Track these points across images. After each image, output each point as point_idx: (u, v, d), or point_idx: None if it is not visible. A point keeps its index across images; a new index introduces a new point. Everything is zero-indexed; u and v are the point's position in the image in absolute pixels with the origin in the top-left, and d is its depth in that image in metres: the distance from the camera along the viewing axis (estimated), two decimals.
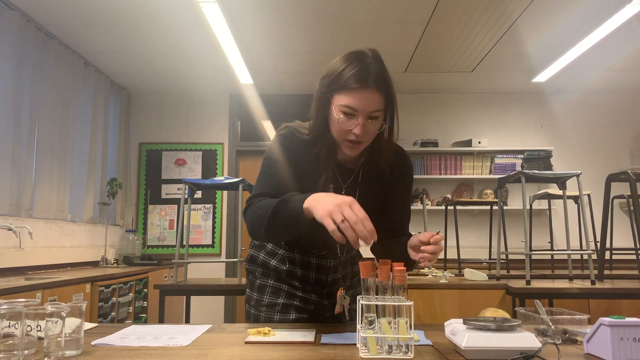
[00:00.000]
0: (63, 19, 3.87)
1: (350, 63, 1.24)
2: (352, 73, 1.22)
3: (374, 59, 1.25)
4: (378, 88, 1.22)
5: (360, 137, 1.25)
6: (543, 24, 4.03)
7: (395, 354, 0.99)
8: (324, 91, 1.28)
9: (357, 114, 1.23)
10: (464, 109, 5.75)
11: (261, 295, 1.48)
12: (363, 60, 1.24)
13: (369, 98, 1.22)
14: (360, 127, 1.23)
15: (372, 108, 1.23)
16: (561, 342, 1.13)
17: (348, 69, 1.23)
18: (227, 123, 5.72)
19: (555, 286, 2.92)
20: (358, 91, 1.21)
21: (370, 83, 1.21)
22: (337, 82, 1.24)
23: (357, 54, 1.27)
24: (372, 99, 1.22)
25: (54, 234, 4.09)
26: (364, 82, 1.21)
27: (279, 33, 4.17)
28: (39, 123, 3.91)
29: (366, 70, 1.22)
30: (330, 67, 1.29)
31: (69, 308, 0.98)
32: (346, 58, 1.27)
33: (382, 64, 1.27)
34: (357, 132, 1.24)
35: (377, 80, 1.22)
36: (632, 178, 3.00)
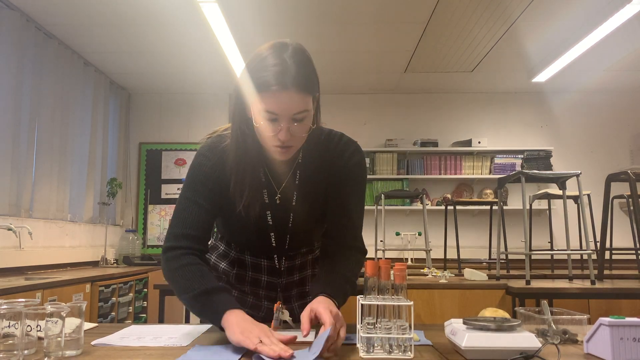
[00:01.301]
0: (63, 19, 3.87)
1: (267, 61, 1.11)
2: (269, 73, 1.08)
3: (293, 54, 1.12)
4: (299, 88, 1.09)
5: (287, 142, 1.13)
6: (543, 24, 4.03)
7: (395, 354, 0.99)
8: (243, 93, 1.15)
9: (278, 117, 1.11)
10: (464, 109, 5.75)
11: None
12: (280, 56, 1.10)
13: (290, 100, 1.09)
14: (284, 132, 1.11)
15: (295, 110, 1.10)
16: (561, 342, 1.13)
17: (265, 68, 1.10)
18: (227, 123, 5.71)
19: (555, 286, 2.92)
20: (277, 94, 1.08)
21: (289, 84, 1.08)
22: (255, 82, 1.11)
23: (276, 47, 1.13)
24: (294, 100, 1.09)
25: (54, 234, 4.09)
26: (282, 83, 1.08)
27: (279, 33, 4.17)
28: (38, 123, 3.91)
29: (284, 69, 1.08)
30: (247, 65, 1.15)
31: (69, 308, 0.98)
32: (264, 55, 1.13)
33: (304, 57, 1.15)
34: (282, 137, 1.12)
35: (296, 79, 1.09)
36: (632, 178, 3.00)
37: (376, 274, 1.07)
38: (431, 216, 5.11)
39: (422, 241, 4.73)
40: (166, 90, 5.67)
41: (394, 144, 5.49)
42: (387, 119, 5.68)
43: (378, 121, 5.64)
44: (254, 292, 1.40)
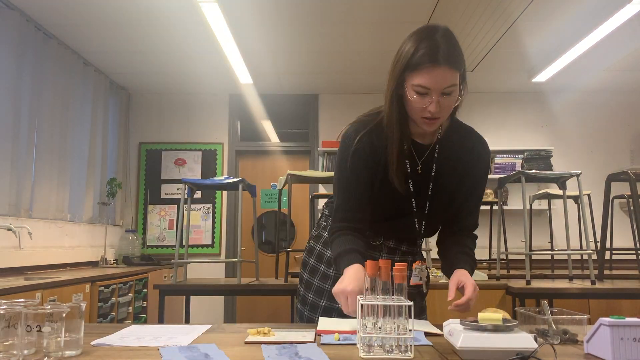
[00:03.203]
0: (63, 19, 3.87)
1: (420, 41, 1.23)
2: (422, 52, 1.21)
3: (443, 35, 1.24)
4: (449, 64, 1.21)
5: (435, 113, 1.25)
6: (543, 24, 4.03)
7: (395, 354, 0.99)
8: (397, 73, 1.27)
9: (430, 92, 1.23)
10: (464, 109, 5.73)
11: (307, 292, 1.54)
12: (432, 37, 1.23)
13: (441, 75, 1.21)
14: (435, 104, 1.24)
15: (445, 84, 1.22)
16: (561, 342, 1.13)
17: (418, 47, 1.22)
18: (227, 123, 5.72)
19: (555, 286, 2.92)
20: (430, 69, 1.21)
21: (441, 61, 1.20)
22: (408, 62, 1.23)
23: (427, 30, 1.26)
24: (444, 76, 1.21)
25: (54, 234, 4.09)
26: (435, 60, 1.20)
27: (279, 33, 4.17)
28: (38, 123, 3.91)
29: (436, 48, 1.21)
30: (401, 48, 1.27)
31: (69, 308, 0.98)
32: (416, 36, 1.25)
33: (452, 38, 1.26)
34: (432, 109, 1.24)
35: (447, 57, 1.21)
36: (632, 178, 3.00)
37: (376, 274, 1.07)
38: None
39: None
40: (166, 90, 5.67)
41: None
42: None
43: None
44: None
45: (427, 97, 1.24)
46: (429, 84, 1.22)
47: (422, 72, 1.21)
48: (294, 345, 1.07)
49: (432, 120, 1.28)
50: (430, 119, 1.27)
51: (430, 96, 1.23)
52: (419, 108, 1.26)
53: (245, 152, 5.83)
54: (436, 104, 1.23)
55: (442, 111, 1.26)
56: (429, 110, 1.25)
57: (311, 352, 1.01)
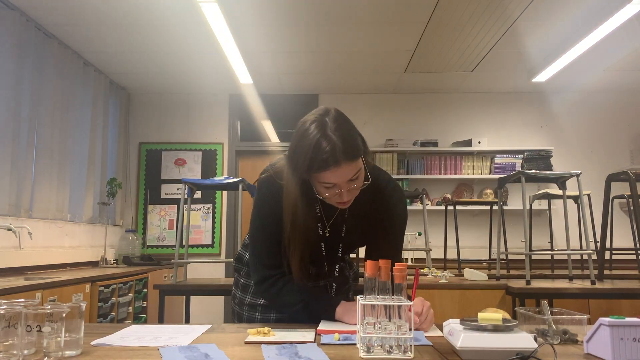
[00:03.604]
0: (63, 18, 3.87)
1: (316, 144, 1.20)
2: (322, 157, 1.20)
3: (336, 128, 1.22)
4: (349, 159, 1.22)
5: (348, 199, 1.30)
6: (543, 24, 4.03)
7: (395, 354, 0.99)
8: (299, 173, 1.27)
9: (338, 185, 1.26)
10: (464, 109, 5.75)
11: (244, 294, 1.55)
12: (326, 136, 1.20)
13: (345, 171, 1.23)
14: (345, 193, 1.27)
15: (350, 176, 1.25)
16: (561, 342, 1.13)
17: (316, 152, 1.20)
18: (227, 123, 5.72)
19: (555, 286, 2.92)
20: (333, 170, 1.22)
21: (341, 160, 1.20)
22: (309, 166, 1.23)
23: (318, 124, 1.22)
24: (347, 171, 1.23)
25: (54, 234, 4.09)
26: (336, 161, 1.20)
27: (279, 33, 4.17)
28: (38, 123, 3.91)
29: (333, 149, 1.19)
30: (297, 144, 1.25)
31: (69, 308, 0.98)
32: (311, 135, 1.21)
33: (345, 124, 1.24)
34: (345, 199, 1.29)
35: (346, 154, 1.20)
36: (632, 178, 3.00)
37: (376, 274, 1.07)
38: (431, 216, 5.11)
39: (422, 241, 4.73)
40: (166, 90, 5.67)
41: (394, 144, 5.49)
42: (387, 119, 5.68)
43: (378, 121, 5.64)
44: None
45: (335, 189, 1.27)
46: (335, 181, 1.24)
47: (326, 173, 1.22)
48: (294, 345, 1.07)
49: (345, 203, 1.32)
50: (344, 202, 1.32)
51: (338, 187, 1.26)
52: (329, 198, 1.31)
53: (246, 152, 5.83)
54: (346, 194, 1.28)
55: (352, 194, 1.30)
56: (341, 200, 1.30)
57: (311, 352, 1.01)
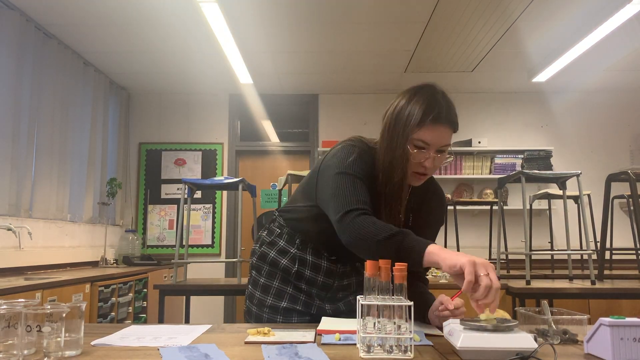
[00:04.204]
0: (63, 18, 3.87)
1: (424, 100, 1.31)
2: (429, 110, 1.29)
3: (443, 96, 1.34)
4: (450, 124, 1.32)
5: (429, 170, 1.35)
6: (543, 24, 4.03)
7: (395, 354, 0.99)
8: (400, 127, 1.33)
9: (428, 147, 1.32)
10: (464, 109, 5.75)
11: (265, 295, 1.50)
12: (435, 97, 1.32)
13: (441, 133, 1.31)
14: (431, 160, 1.33)
15: (443, 142, 1.32)
16: (561, 342, 1.13)
17: (423, 105, 1.30)
18: (227, 123, 5.72)
19: (555, 286, 2.92)
20: (432, 127, 1.30)
21: (444, 119, 1.30)
22: (413, 118, 1.30)
23: (428, 90, 1.34)
24: (443, 135, 1.31)
25: (54, 234, 4.09)
26: (439, 118, 1.30)
27: (279, 33, 4.17)
28: (38, 123, 3.91)
29: (440, 108, 1.30)
30: (402, 103, 1.34)
31: (69, 308, 0.98)
32: (418, 95, 1.33)
33: (450, 101, 1.35)
34: (428, 164, 1.33)
35: (448, 117, 1.31)
36: (632, 178, 3.00)
37: (376, 274, 1.07)
38: None
39: None
40: (166, 90, 5.67)
41: None
42: None
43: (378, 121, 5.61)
44: (308, 291, 1.50)
45: (424, 153, 1.32)
46: (430, 139, 1.31)
47: (425, 129, 1.30)
48: (294, 345, 1.07)
49: (422, 175, 1.37)
50: (422, 175, 1.37)
51: (428, 152, 1.32)
52: (415, 162, 1.34)
53: (245, 152, 5.83)
54: (432, 160, 1.33)
55: (434, 167, 1.35)
56: (425, 165, 1.34)
57: (311, 352, 1.01)
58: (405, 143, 1.33)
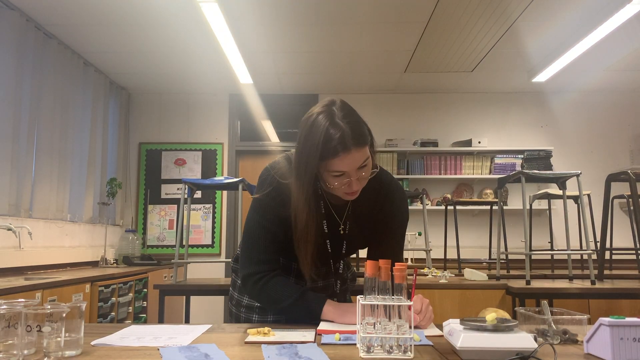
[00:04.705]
0: (63, 18, 3.87)
1: (325, 131, 1.22)
2: (332, 144, 1.21)
3: (343, 115, 1.24)
4: (359, 145, 1.23)
5: (357, 189, 1.30)
6: (543, 24, 4.03)
7: (395, 354, 0.99)
8: (310, 165, 1.25)
9: (347, 173, 1.26)
10: (464, 109, 5.75)
11: (241, 295, 1.56)
12: (335, 123, 1.22)
13: (354, 158, 1.23)
14: (355, 182, 1.27)
15: (359, 164, 1.25)
16: (561, 342, 1.13)
17: (326, 138, 1.21)
18: (227, 123, 5.72)
19: (555, 286, 2.92)
20: (343, 157, 1.22)
21: (351, 146, 1.21)
22: (320, 154, 1.23)
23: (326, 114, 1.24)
24: (357, 157, 1.24)
25: (54, 234, 4.09)
26: (345, 148, 1.21)
27: (279, 33, 4.17)
28: (38, 123, 3.91)
29: (342, 135, 1.21)
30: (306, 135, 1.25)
31: (69, 308, 0.98)
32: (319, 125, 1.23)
33: (351, 113, 1.26)
34: (355, 188, 1.29)
35: (355, 140, 1.22)
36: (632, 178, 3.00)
37: (376, 274, 1.07)
38: (431, 216, 5.11)
39: (422, 241, 4.73)
40: (166, 90, 5.67)
41: (394, 144, 5.49)
42: (387, 119, 5.68)
43: (378, 121, 5.64)
44: None
45: (344, 177, 1.26)
46: (345, 168, 1.24)
47: (336, 161, 1.23)
48: (294, 345, 1.07)
49: (353, 193, 1.32)
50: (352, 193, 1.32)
51: (348, 176, 1.26)
52: (339, 189, 1.29)
53: (246, 152, 5.83)
54: (355, 183, 1.28)
55: (361, 184, 1.30)
56: (351, 190, 1.29)
57: (311, 352, 1.01)
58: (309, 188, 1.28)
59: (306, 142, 1.25)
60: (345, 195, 1.32)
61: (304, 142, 1.26)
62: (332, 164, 1.24)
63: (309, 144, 1.24)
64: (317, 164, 1.25)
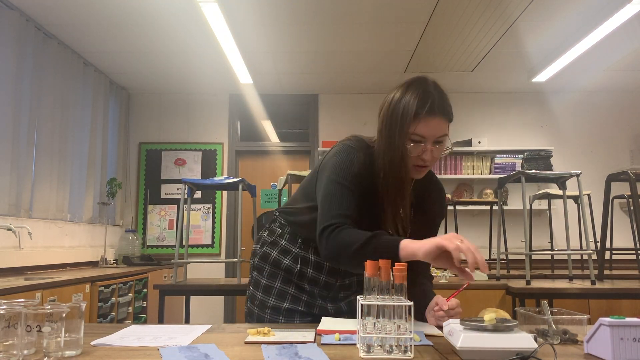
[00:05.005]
0: (63, 18, 3.87)
1: (416, 93, 1.31)
2: (420, 103, 1.29)
3: (435, 87, 1.33)
4: (443, 115, 1.30)
5: (428, 161, 1.34)
6: (543, 24, 4.03)
7: (395, 354, 0.99)
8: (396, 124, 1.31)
9: (425, 140, 1.31)
10: (464, 109, 5.75)
11: (266, 296, 1.50)
12: (426, 89, 1.31)
13: (437, 125, 1.30)
14: (429, 152, 1.32)
15: (439, 134, 1.31)
16: (561, 342, 1.13)
17: (415, 98, 1.30)
18: (227, 123, 5.72)
19: (555, 286, 2.92)
20: (427, 120, 1.29)
21: (437, 111, 1.29)
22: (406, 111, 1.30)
23: (418, 82, 1.34)
24: (438, 126, 1.30)
25: (54, 234, 4.09)
26: (432, 111, 1.28)
27: (279, 33, 4.17)
28: (38, 123, 3.91)
29: (432, 99, 1.29)
30: (395, 99, 1.34)
31: (69, 308, 0.98)
32: (410, 88, 1.33)
33: (442, 91, 1.34)
34: (427, 157, 1.32)
35: (441, 108, 1.30)
36: (632, 178, 3.00)
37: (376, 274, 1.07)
38: None
39: None
40: (166, 90, 5.67)
41: None
42: None
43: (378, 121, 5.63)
44: (311, 291, 1.51)
45: (421, 145, 1.31)
46: (426, 133, 1.30)
47: (420, 122, 1.29)
48: (294, 345, 1.07)
49: (423, 167, 1.36)
50: (422, 167, 1.35)
51: (425, 144, 1.31)
52: (413, 156, 1.33)
53: (245, 152, 5.83)
54: (430, 152, 1.32)
55: (433, 159, 1.34)
56: (423, 158, 1.33)
57: (311, 352, 1.01)
58: (403, 141, 1.32)
59: (401, 100, 1.32)
60: (414, 169, 1.35)
61: (397, 101, 1.33)
62: (415, 124, 1.29)
63: (404, 101, 1.31)
64: (410, 122, 1.29)
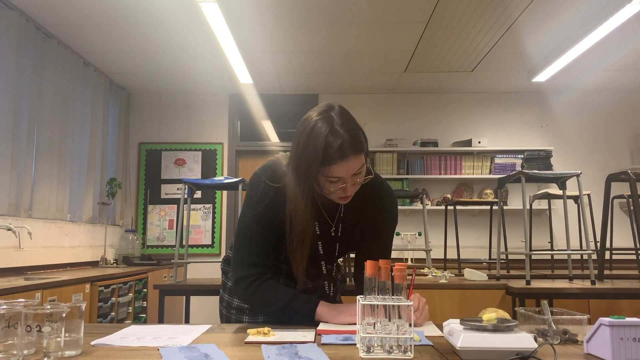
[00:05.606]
0: (63, 18, 3.87)
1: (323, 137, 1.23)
2: (331, 150, 1.22)
3: (342, 123, 1.25)
4: (356, 153, 1.24)
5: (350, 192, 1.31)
6: (543, 24, 4.03)
7: (395, 354, 0.99)
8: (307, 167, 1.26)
9: (342, 178, 1.27)
10: (464, 109, 5.75)
11: (232, 297, 1.54)
12: (334, 130, 1.23)
13: (351, 165, 1.25)
14: (349, 188, 1.29)
15: (355, 170, 1.27)
16: (561, 342, 1.13)
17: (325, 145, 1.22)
18: (227, 123, 5.72)
19: (555, 286, 2.92)
20: (340, 163, 1.24)
21: (348, 152, 1.23)
22: (317, 159, 1.24)
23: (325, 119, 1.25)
24: (353, 164, 1.25)
25: (54, 234, 4.09)
26: (343, 155, 1.23)
27: (279, 33, 4.17)
28: (38, 123, 3.91)
29: (342, 141, 1.22)
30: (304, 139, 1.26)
31: (69, 308, 0.98)
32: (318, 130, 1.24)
33: (349, 118, 1.27)
34: (348, 193, 1.30)
35: (352, 147, 1.23)
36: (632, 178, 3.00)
37: (376, 274, 1.07)
38: (431, 216, 5.11)
39: (422, 241, 4.73)
40: (166, 90, 5.67)
41: (394, 144, 5.49)
42: (387, 119, 5.68)
43: (378, 121, 5.64)
44: None
45: (340, 182, 1.28)
46: (342, 174, 1.26)
47: (334, 167, 1.24)
48: (294, 345, 1.07)
49: (347, 197, 1.33)
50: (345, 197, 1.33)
51: (342, 181, 1.28)
52: (334, 193, 1.31)
53: (245, 152, 5.83)
54: (350, 187, 1.29)
55: (355, 189, 1.32)
56: (345, 194, 1.31)
57: (311, 352, 1.01)
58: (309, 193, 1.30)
59: (306, 148, 1.26)
60: (339, 199, 1.34)
61: (303, 148, 1.26)
62: (329, 170, 1.25)
63: (309, 149, 1.25)
64: (317, 170, 1.25)
